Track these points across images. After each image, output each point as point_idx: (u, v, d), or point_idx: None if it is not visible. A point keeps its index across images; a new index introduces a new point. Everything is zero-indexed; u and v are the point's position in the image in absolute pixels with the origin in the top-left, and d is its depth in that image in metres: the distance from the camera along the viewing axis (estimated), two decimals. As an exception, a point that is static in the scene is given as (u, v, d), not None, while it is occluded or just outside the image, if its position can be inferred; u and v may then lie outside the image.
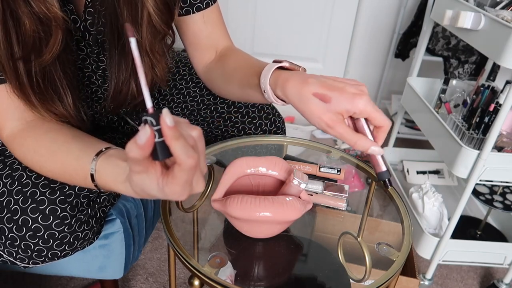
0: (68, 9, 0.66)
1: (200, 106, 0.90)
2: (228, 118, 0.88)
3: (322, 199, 0.72)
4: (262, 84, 0.61)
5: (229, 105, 0.88)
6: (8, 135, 0.63)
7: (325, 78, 0.58)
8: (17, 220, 0.61)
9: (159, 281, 1.18)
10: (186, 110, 0.91)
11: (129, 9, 0.64)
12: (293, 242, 0.69)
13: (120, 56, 0.70)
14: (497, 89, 1.11)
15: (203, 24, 0.76)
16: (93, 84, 0.78)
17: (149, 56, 0.69)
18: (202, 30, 0.76)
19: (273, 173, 0.67)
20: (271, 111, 0.89)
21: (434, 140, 1.19)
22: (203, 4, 0.75)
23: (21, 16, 0.55)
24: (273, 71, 0.61)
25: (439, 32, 1.65)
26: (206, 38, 0.77)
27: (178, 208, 0.71)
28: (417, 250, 1.21)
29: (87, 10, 0.67)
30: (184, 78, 0.93)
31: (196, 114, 0.90)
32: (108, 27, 0.68)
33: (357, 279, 0.62)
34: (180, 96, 0.92)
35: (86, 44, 0.71)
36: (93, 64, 0.75)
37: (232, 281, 0.59)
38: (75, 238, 0.65)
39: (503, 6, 1.05)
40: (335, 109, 0.55)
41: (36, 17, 0.56)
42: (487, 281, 1.29)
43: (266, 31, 2.04)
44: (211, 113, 0.89)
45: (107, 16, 0.67)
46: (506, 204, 1.23)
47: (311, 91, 0.56)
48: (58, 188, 0.63)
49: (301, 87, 0.56)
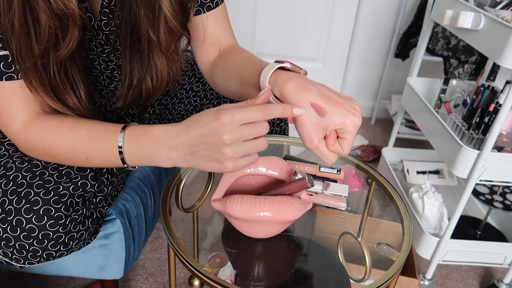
0: (83, 6, 0.66)
1: (203, 102, 0.91)
2: None
3: (322, 199, 0.72)
4: (262, 82, 0.61)
5: (232, 100, 0.89)
6: (20, 127, 0.64)
7: (324, 88, 0.58)
8: (11, 220, 0.61)
9: (159, 281, 1.18)
10: (189, 105, 0.92)
11: (146, 11, 0.65)
12: (293, 242, 0.69)
13: (132, 54, 0.71)
14: (497, 89, 1.11)
15: (210, 21, 0.78)
16: (99, 84, 0.78)
17: (166, 56, 0.71)
18: (208, 27, 0.78)
19: (273, 173, 0.67)
20: None
21: (434, 140, 1.19)
22: (213, 3, 0.77)
23: (39, 12, 0.56)
24: (274, 71, 0.61)
25: (439, 32, 1.65)
26: (211, 35, 0.79)
27: (178, 208, 0.71)
28: (417, 250, 1.21)
29: (103, 11, 0.68)
30: (186, 73, 0.94)
31: (199, 109, 0.91)
32: (123, 27, 0.69)
33: (357, 279, 0.62)
34: (183, 91, 0.93)
35: (97, 43, 0.72)
36: (102, 65, 0.75)
37: (232, 281, 0.59)
38: (70, 239, 0.65)
39: (503, 6, 1.05)
40: (325, 125, 0.56)
41: (54, 13, 0.58)
42: (487, 281, 1.29)
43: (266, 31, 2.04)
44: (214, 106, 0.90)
45: (123, 16, 0.68)
46: (506, 204, 1.23)
47: (310, 100, 0.55)
48: (53, 188, 0.63)
49: (300, 93, 0.56)
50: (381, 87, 2.07)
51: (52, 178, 0.64)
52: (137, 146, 0.59)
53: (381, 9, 1.94)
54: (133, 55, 0.71)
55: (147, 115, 0.92)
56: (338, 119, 0.55)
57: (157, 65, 0.71)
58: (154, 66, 0.71)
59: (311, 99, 0.55)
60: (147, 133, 0.59)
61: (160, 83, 0.73)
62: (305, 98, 0.55)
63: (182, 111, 0.92)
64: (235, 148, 0.53)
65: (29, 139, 0.64)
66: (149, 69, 0.71)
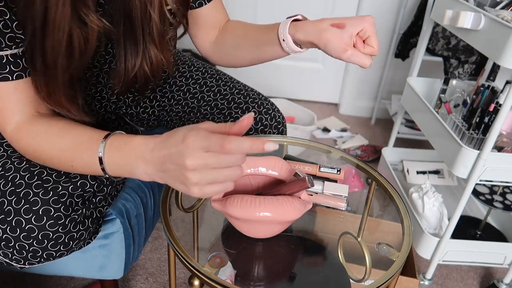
0: None
1: (201, 103, 0.91)
2: (228, 114, 0.88)
3: (322, 199, 0.72)
4: (281, 34, 0.72)
5: (229, 101, 0.89)
6: (13, 129, 0.64)
7: None
8: (10, 221, 0.61)
9: (159, 281, 1.18)
10: (186, 107, 0.91)
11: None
12: (293, 242, 0.69)
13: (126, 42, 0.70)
14: (497, 89, 1.11)
15: (210, 8, 0.84)
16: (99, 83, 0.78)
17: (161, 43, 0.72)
18: (209, 13, 0.84)
19: (273, 173, 0.67)
20: (270, 106, 0.89)
21: (434, 140, 1.19)
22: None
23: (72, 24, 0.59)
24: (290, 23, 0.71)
25: (439, 32, 1.65)
26: (212, 19, 0.85)
27: (178, 208, 0.71)
28: (417, 250, 1.21)
29: (99, 2, 0.68)
30: (184, 75, 0.94)
31: (196, 111, 0.91)
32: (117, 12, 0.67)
33: (357, 279, 0.62)
34: (180, 93, 0.92)
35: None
36: (100, 61, 0.75)
37: (232, 281, 0.59)
38: (70, 239, 0.65)
39: (503, 6, 1.05)
40: (349, 33, 0.66)
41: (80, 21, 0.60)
42: (487, 281, 1.29)
43: (266, 31, 2.04)
44: (212, 109, 0.90)
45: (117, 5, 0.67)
46: (506, 204, 1.23)
47: (328, 23, 0.68)
48: (52, 188, 0.63)
49: (319, 23, 0.68)
50: (381, 87, 2.07)
51: (51, 178, 0.64)
52: (116, 156, 0.58)
53: (381, 9, 1.94)
54: (126, 42, 0.70)
55: (145, 115, 0.92)
56: (356, 23, 0.67)
57: (151, 52, 0.71)
58: (148, 53, 0.71)
59: (329, 22, 0.68)
60: (127, 144, 0.57)
61: (156, 67, 0.73)
62: (324, 23, 0.68)
63: (180, 113, 0.92)
64: (201, 175, 0.50)
65: (21, 143, 0.64)
66: (144, 56, 0.71)
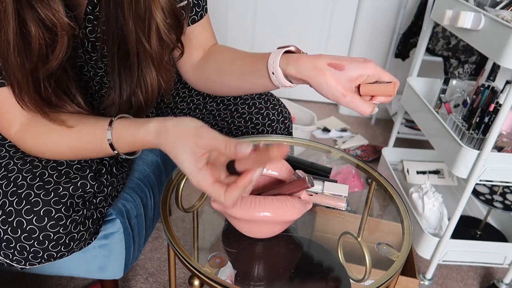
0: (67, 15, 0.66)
1: (206, 100, 0.91)
2: (235, 110, 0.89)
3: (322, 199, 0.72)
4: (271, 66, 0.64)
5: (236, 97, 0.89)
6: (18, 130, 0.64)
7: None
8: (12, 222, 0.61)
9: (159, 281, 1.18)
10: (192, 104, 0.92)
11: (136, 22, 0.64)
12: (293, 242, 0.69)
13: (121, 67, 0.70)
14: (497, 89, 1.11)
15: (197, 29, 0.78)
16: (90, 89, 0.79)
17: (158, 67, 0.70)
18: (193, 31, 0.78)
19: (273, 173, 0.67)
20: (277, 102, 0.90)
21: (434, 140, 1.19)
22: (198, 16, 0.76)
23: (29, 22, 0.56)
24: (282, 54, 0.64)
25: (439, 32, 1.65)
26: (196, 39, 0.79)
27: (178, 208, 0.71)
28: (417, 250, 1.21)
29: (87, 17, 0.67)
30: None
31: (202, 107, 0.91)
32: (110, 39, 0.68)
33: (357, 279, 0.62)
34: (185, 90, 0.93)
35: (85, 51, 0.72)
36: (91, 71, 0.75)
37: (232, 281, 0.59)
38: (71, 239, 0.65)
39: (503, 6, 1.05)
40: (349, 76, 0.59)
41: (42, 24, 0.58)
42: (487, 281, 1.29)
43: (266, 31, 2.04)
44: (218, 105, 0.90)
45: (109, 24, 0.67)
46: (506, 204, 1.23)
47: (326, 62, 0.60)
48: (52, 189, 0.63)
49: (315, 60, 0.60)
50: (381, 87, 2.06)
51: (51, 179, 0.64)
52: (125, 126, 0.62)
53: (381, 9, 1.94)
54: (121, 69, 0.70)
55: (149, 114, 0.93)
56: (357, 67, 0.59)
57: (147, 78, 0.70)
58: (144, 79, 0.70)
59: (326, 61, 0.60)
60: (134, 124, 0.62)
61: (151, 95, 0.72)
62: (321, 61, 0.60)
63: (184, 110, 0.93)
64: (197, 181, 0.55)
65: (27, 143, 0.65)
66: (139, 83, 0.70)
